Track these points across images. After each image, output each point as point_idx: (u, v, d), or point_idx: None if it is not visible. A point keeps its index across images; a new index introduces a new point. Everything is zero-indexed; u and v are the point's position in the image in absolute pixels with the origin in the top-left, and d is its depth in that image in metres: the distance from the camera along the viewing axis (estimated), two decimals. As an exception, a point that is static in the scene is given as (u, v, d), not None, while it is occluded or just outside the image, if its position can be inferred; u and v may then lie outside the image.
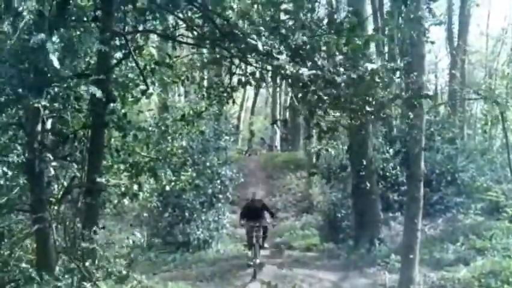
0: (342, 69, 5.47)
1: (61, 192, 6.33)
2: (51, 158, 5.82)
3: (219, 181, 18.62)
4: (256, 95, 41.83)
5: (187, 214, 17.67)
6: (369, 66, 5.43)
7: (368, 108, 5.67)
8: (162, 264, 16.05)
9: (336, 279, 15.08)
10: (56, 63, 4.70)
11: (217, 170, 18.49)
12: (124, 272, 4.08)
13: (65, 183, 6.53)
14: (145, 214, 18.35)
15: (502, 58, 34.00)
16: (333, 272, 15.72)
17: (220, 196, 18.81)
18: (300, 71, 5.09)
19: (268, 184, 25.82)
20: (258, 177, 26.30)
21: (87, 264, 4.08)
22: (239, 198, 23.83)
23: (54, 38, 5.32)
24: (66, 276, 3.84)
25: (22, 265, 4.74)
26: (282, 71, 5.17)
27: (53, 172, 5.98)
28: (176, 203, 17.68)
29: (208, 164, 17.78)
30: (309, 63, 5.33)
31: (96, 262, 4.37)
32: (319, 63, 5.33)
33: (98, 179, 4.88)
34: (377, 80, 5.50)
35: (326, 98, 5.46)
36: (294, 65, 5.43)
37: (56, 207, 5.86)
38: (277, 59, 5.13)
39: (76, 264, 4.10)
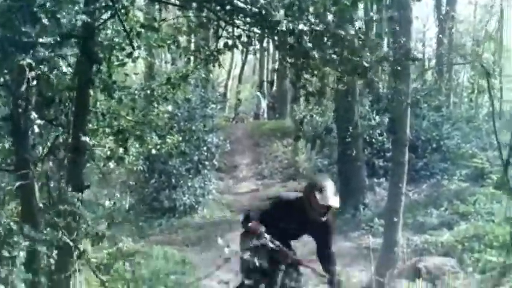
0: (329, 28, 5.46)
1: (45, 151, 6.34)
2: (36, 117, 5.81)
3: (205, 148, 18.62)
4: (243, 63, 41.59)
5: (173, 180, 17.69)
6: (357, 24, 5.44)
7: (354, 69, 5.67)
8: (148, 229, 16.12)
9: (321, 242, 15.23)
10: (44, 20, 4.66)
11: (203, 137, 18.48)
12: (101, 233, 4.10)
13: (49, 144, 6.54)
14: (131, 182, 18.38)
15: (490, 27, 34.02)
16: (318, 236, 15.86)
17: (207, 163, 18.83)
18: (299, 27, 5.07)
19: (255, 152, 25.83)
20: (245, 144, 26.30)
21: (68, 221, 4.10)
22: (226, 165, 23.89)
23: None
24: (47, 232, 3.87)
25: (3, 220, 4.75)
26: (278, 28, 5.13)
27: (37, 130, 5.97)
28: (162, 169, 17.70)
29: (194, 131, 17.77)
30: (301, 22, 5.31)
31: (76, 222, 4.40)
32: (312, 20, 5.31)
33: (83, 138, 4.87)
34: (363, 38, 5.51)
35: (312, 59, 5.45)
36: (288, 22, 5.39)
37: (40, 166, 5.88)
38: (272, 15, 5.10)
39: (56, 221, 4.12)
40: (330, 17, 5.76)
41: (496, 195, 16.56)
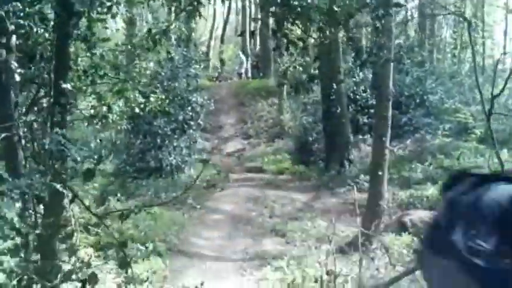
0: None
1: (29, 102, 6.31)
2: (17, 66, 5.77)
3: (189, 108, 18.60)
4: (225, 22, 41.32)
5: (158, 141, 17.68)
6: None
7: (335, 16, 5.65)
8: (135, 189, 16.17)
9: (308, 199, 15.44)
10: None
11: (187, 96, 18.44)
12: (92, 168, 4.10)
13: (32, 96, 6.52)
14: (117, 142, 18.38)
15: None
16: (304, 193, 16.08)
17: (192, 123, 18.82)
18: None
19: (240, 111, 25.85)
20: (230, 104, 26.31)
21: (56, 166, 4.10)
22: (211, 125, 23.91)
23: None
24: (34, 179, 3.87)
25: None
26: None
27: (18, 78, 5.93)
28: (147, 130, 17.67)
29: (178, 90, 17.72)
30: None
31: (65, 164, 4.40)
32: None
33: (64, 85, 4.83)
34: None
35: (292, 4, 5.42)
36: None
37: (23, 117, 5.85)
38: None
39: (44, 166, 4.12)
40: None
41: (480, 149, 16.83)
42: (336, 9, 5.67)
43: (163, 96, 11.20)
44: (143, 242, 11.35)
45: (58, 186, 3.82)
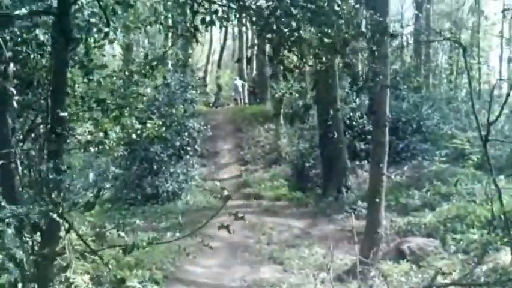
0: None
1: (26, 129, 6.26)
2: (15, 92, 5.74)
3: (186, 133, 18.61)
4: (222, 48, 41.52)
5: (155, 167, 17.64)
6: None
7: (332, 44, 5.64)
8: (132, 216, 16.04)
9: (305, 226, 15.34)
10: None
11: (184, 122, 18.45)
12: (91, 199, 4.05)
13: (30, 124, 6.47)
14: (112, 168, 18.26)
15: (467, 7, 34.18)
16: (302, 219, 15.98)
17: (189, 149, 18.83)
18: (259, 3, 5.04)
19: (237, 137, 25.82)
20: (226, 130, 26.28)
21: (53, 196, 4.05)
22: (208, 151, 23.86)
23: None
24: (31, 207, 3.82)
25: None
26: (241, 3, 5.10)
27: (16, 105, 5.89)
28: (144, 156, 17.63)
29: (175, 116, 17.72)
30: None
31: (62, 194, 4.34)
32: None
33: (62, 114, 4.80)
34: (336, 8, 5.46)
35: (287, 33, 5.41)
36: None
37: (21, 145, 5.81)
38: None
39: (41, 196, 4.06)
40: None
41: (477, 175, 16.77)
42: (329, 39, 5.66)
43: (160, 122, 11.14)
44: (140, 269, 11.22)
45: (55, 215, 3.76)
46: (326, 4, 5.47)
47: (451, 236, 12.65)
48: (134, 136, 10.11)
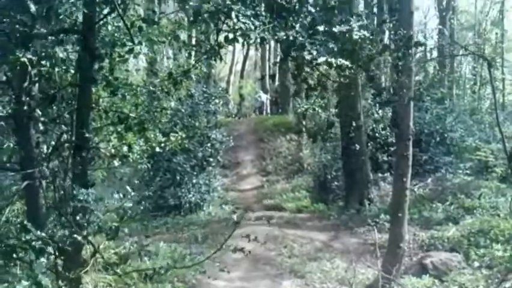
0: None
1: (50, 149, 6.33)
2: (40, 114, 5.80)
3: (209, 144, 18.66)
4: (245, 58, 41.61)
5: (178, 178, 17.71)
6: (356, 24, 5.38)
7: (356, 60, 5.62)
8: (154, 227, 16.13)
9: (327, 239, 15.23)
10: (32, 9, 4.64)
11: (207, 133, 18.51)
12: (115, 227, 4.08)
13: (53, 142, 6.53)
14: (136, 181, 18.38)
15: (491, 18, 33.91)
16: (323, 232, 15.87)
17: (211, 159, 18.86)
18: (282, 33, 5.05)
19: (259, 147, 25.82)
20: (249, 140, 26.30)
21: (77, 218, 4.08)
22: (230, 162, 23.90)
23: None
24: (55, 230, 3.85)
25: (13, 219, 4.74)
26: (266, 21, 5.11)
27: (42, 127, 5.96)
28: (167, 167, 17.71)
29: (198, 126, 17.79)
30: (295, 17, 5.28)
31: (86, 217, 4.38)
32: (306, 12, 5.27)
33: (86, 134, 4.84)
34: (365, 34, 5.45)
35: (311, 50, 5.41)
36: (279, 22, 5.36)
37: (45, 164, 5.86)
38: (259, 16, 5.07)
39: (66, 218, 4.10)
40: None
41: (501, 188, 16.58)
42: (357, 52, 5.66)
43: (183, 135, 11.21)
44: (161, 281, 11.24)
45: (80, 238, 3.80)
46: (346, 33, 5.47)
47: (475, 251, 12.49)
48: (157, 149, 10.19)
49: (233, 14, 5.55)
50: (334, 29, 5.25)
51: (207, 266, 13.20)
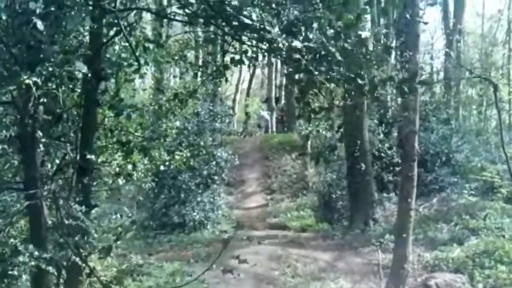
0: (333, 42, 5.44)
1: (54, 170, 6.35)
2: (43, 135, 5.82)
3: (214, 162, 18.66)
4: (251, 77, 41.79)
5: (182, 195, 17.71)
6: (363, 34, 5.40)
7: (360, 87, 5.63)
8: (158, 245, 16.10)
9: (331, 259, 15.17)
10: (40, 26, 4.68)
11: (212, 151, 18.53)
12: (107, 246, 4.10)
13: (58, 162, 6.55)
14: (140, 198, 18.39)
15: (498, 40, 34.01)
16: (328, 252, 15.81)
17: (216, 177, 18.85)
18: (293, 44, 5.06)
19: (264, 166, 25.82)
20: (254, 158, 26.30)
21: (76, 239, 4.10)
22: (235, 179, 23.89)
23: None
24: (55, 251, 3.87)
25: (11, 240, 4.76)
26: (275, 45, 5.14)
27: (42, 148, 5.98)
28: (171, 185, 17.72)
29: (203, 145, 17.82)
30: (300, 38, 5.30)
31: (85, 238, 4.39)
32: (311, 36, 5.29)
33: (89, 156, 4.87)
34: (369, 51, 5.47)
35: (317, 74, 5.43)
36: (286, 37, 5.38)
37: (48, 185, 5.87)
38: (270, 32, 5.09)
39: (65, 239, 4.12)
40: (330, 31, 5.70)
41: (506, 209, 16.51)
42: (361, 76, 5.67)
43: (188, 154, 11.24)
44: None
45: (77, 259, 3.82)
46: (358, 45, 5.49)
47: (479, 272, 12.43)
48: (162, 167, 10.22)
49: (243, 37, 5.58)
50: (339, 56, 5.27)
51: (210, 285, 13.25)
